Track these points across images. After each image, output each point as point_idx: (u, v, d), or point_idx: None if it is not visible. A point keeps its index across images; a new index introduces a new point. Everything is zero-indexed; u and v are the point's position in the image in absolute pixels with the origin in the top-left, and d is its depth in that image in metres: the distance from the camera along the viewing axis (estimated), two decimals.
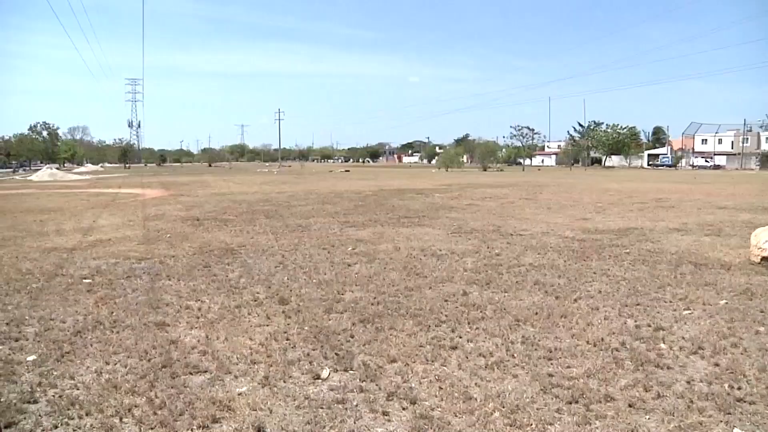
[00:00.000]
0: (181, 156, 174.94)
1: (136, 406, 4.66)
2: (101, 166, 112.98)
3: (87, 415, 4.54)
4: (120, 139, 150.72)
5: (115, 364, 5.59)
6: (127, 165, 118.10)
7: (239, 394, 4.90)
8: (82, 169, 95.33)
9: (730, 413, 4.59)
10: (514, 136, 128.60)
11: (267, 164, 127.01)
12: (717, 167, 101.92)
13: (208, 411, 4.57)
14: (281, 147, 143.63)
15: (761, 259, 10.31)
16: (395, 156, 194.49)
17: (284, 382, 5.19)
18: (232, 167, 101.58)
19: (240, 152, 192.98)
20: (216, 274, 9.54)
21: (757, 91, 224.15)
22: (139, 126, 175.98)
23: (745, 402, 4.80)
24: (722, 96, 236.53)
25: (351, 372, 5.43)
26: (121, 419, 4.47)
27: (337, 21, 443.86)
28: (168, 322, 6.89)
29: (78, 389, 5.03)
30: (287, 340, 6.31)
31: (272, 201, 24.42)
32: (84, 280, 9.13)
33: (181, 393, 4.91)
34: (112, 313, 7.30)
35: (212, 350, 5.95)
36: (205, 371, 5.42)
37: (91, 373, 5.39)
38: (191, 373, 5.36)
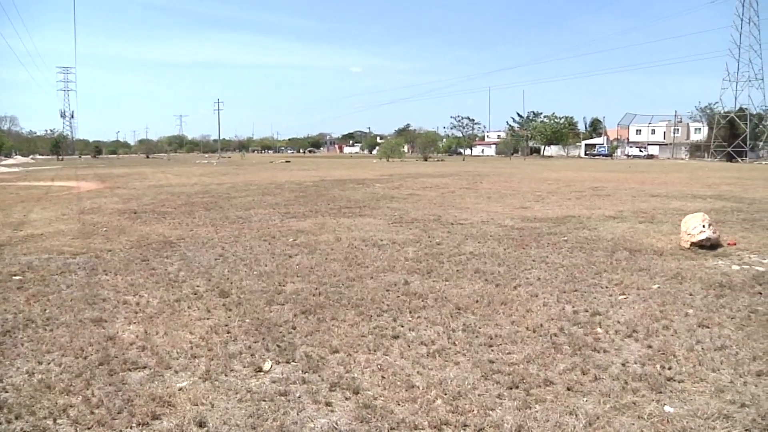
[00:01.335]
0: (118, 147, 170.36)
1: (71, 406, 4.54)
2: (32, 158, 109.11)
3: (17, 418, 4.36)
4: (52, 130, 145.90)
5: (49, 364, 5.41)
6: (60, 157, 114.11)
7: (180, 389, 4.83)
8: (10, 161, 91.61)
9: (661, 392, 4.78)
10: (455, 126, 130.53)
11: (206, 155, 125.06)
12: (650, 157, 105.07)
13: (147, 407, 4.49)
14: (221, 138, 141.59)
15: (690, 245, 10.70)
16: (336, 146, 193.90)
17: (226, 375, 5.14)
18: (171, 159, 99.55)
19: (179, 143, 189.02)
20: (154, 268, 9.36)
21: (687, 83, 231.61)
22: (72, 116, 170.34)
23: (675, 381, 5.01)
24: (655, 88, 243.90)
25: (293, 364, 5.41)
26: (55, 420, 4.34)
27: (279, 11, 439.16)
28: (105, 318, 6.72)
29: (7, 392, 4.83)
30: (228, 333, 6.24)
31: (212, 192, 24.05)
32: (14, 277, 8.80)
33: (120, 390, 4.81)
34: (45, 310, 7.07)
35: (151, 345, 5.84)
36: (144, 367, 5.31)
37: (22, 374, 5.19)
38: (130, 370, 5.25)
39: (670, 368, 5.28)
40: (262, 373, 5.20)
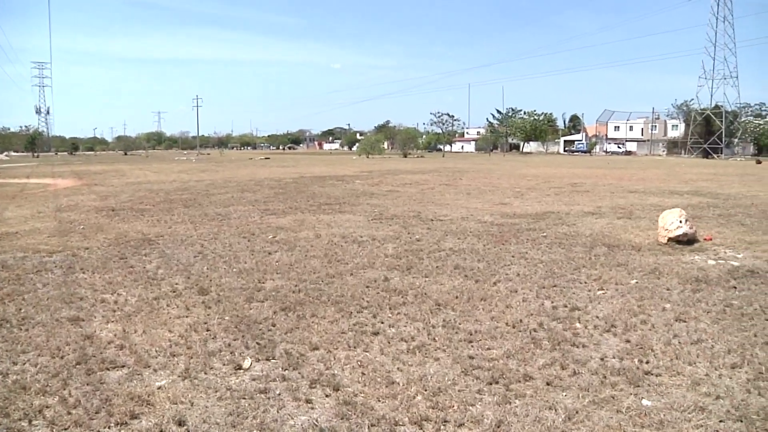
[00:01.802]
0: (95, 144, 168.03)
1: (47, 407, 4.48)
2: (6, 155, 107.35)
3: None
4: (27, 127, 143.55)
5: (24, 364, 5.34)
6: (36, 154, 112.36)
7: (159, 388, 4.80)
8: None
9: (639, 386, 4.84)
10: (435, 122, 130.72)
11: (185, 152, 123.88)
12: (628, 153, 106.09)
13: (126, 407, 4.45)
14: (200, 134, 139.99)
15: (668, 240, 10.83)
16: (316, 143, 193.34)
17: (205, 373, 5.11)
18: (149, 155, 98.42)
19: (157, 140, 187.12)
20: (133, 266, 9.27)
21: (665, 80, 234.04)
22: (48, 113, 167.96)
23: (652, 375, 5.07)
24: (634, 85, 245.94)
25: (273, 361, 5.40)
26: (30, 422, 4.28)
27: (259, 7, 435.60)
28: (82, 317, 6.65)
29: None
30: (207, 330, 6.21)
31: (191, 189, 23.88)
32: None
33: (98, 390, 4.76)
34: (21, 309, 6.97)
35: (130, 344, 5.79)
36: (123, 366, 5.27)
37: None
38: (108, 369, 5.20)
39: (647, 362, 5.34)
40: (241, 371, 5.18)
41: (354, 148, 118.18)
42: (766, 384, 4.88)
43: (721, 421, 4.25)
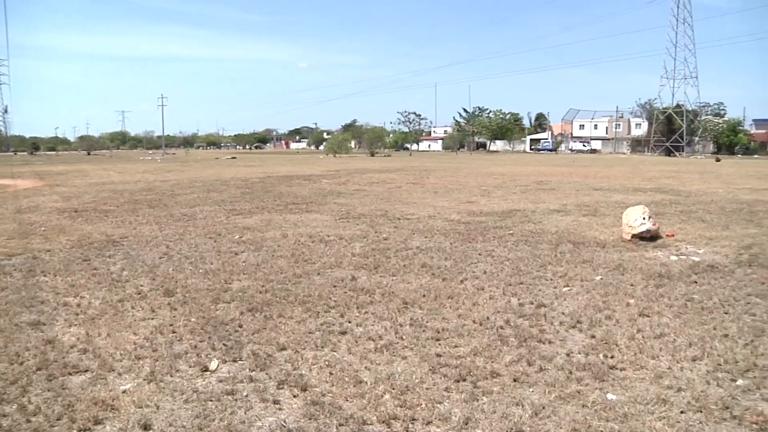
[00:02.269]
0: (57, 144, 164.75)
1: (4, 416, 4.36)
2: None
3: None
4: None
5: None
6: None
7: (123, 392, 4.73)
8: None
9: (604, 380, 4.91)
10: (402, 121, 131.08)
11: (150, 152, 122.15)
12: (593, 151, 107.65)
13: (89, 412, 4.38)
14: (165, 134, 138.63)
15: (631, 237, 11.00)
16: (283, 142, 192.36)
17: (171, 376, 5.06)
18: (113, 155, 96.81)
19: (121, 140, 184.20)
20: (96, 268, 9.12)
21: (628, 79, 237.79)
22: (6, 111, 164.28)
23: (617, 369, 5.15)
24: (598, 84, 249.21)
25: (240, 362, 5.36)
26: None
27: (224, 4, 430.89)
28: (43, 321, 6.52)
29: None
30: (173, 332, 6.14)
31: (156, 190, 23.58)
32: None
33: (59, 396, 4.67)
34: None
35: (93, 348, 5.69)
36: (86, 370, 5.18)
37: None
38: (70, 374, 5.10)
39: (612, 357, 5.43)
40: (208, 373, 5.13)
41: (321, 148, 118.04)
42: (724, 375, 5.00)
43: (682, 413, 4.34)
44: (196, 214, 15.47)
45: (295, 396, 4.68)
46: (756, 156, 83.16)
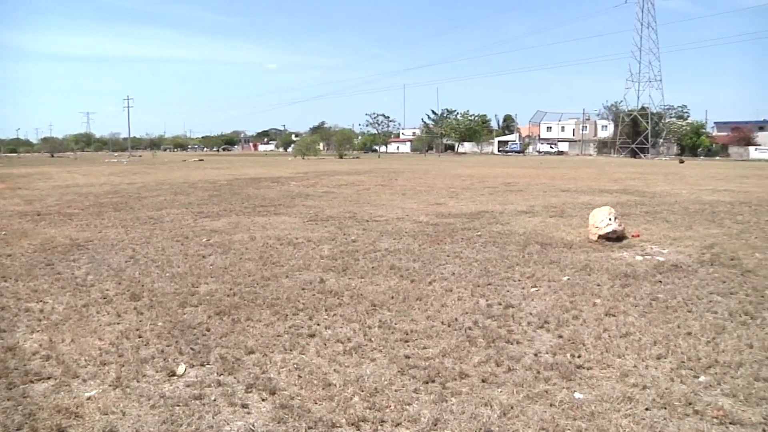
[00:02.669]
0: (18, 146, 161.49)
1: None
2: None
3: None
4: None
5: None
6: None
7: (88, 399, 4.65)
8: None
9: (571, 380, 4.97)
10: (370, 123, 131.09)
11: (116, 154, 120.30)
12: (560, 153, 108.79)
13: (51, 421, 4.29)
14: (131, 136, 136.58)
15: (598, 237, 11.14)
16: (251, 144, 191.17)
17: (137, 381, 4.99)
18: (78, 158, 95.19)
19: (86, 142, 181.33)
20: (60, 272, 8.96)
21: (595, 82, 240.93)
22: None
23: (584, 368, 5.22)
24: (565, 86, 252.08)
25: (208, 366, 5.31)
26: None
27: (192, 4, 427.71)
28: (4, 328, 6.37)
29: None
30: (140, 337, 6.06)
31: (122, 192, 23.25)
32: None
33: (20, 405, 4.56)
34: None
35: (57, 354, 5.59)
36: (49, 378, 5.07)
37: None
38: (32, 381, 4.99)
39: (579, 356, 5.49)
40: (175, 378, 5.07)
41: (289, 150, 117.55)
42: (687, 372, 5.11)
43: (647, 410, 4.42)
44: (163, 217, 15.29)
45: (263, 399, 4.65)
46: (717, 158, 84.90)
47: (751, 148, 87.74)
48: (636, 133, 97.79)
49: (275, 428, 4.21)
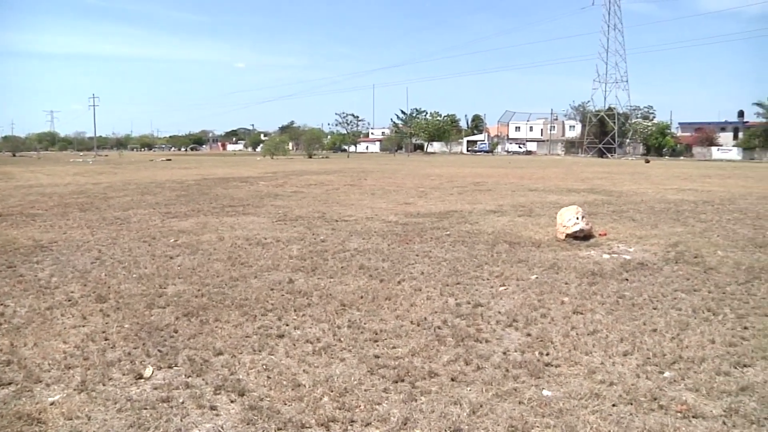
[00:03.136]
0: None
1: None
2: None
3: None
4: None
5: None
6: None
7: (51, 404, 4.56)
8: None
9: (540, 377, 5.02)
10: (340, 123, 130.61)
11: (81, 154, 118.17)
12: (529, 153, 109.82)
13: (12, 428, 4.19)
14: (97, 135, 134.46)
15: (565, 236, 11.26)
16: (219, 144, 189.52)
17: (103, 385, 4.91)
18: (41, 157, 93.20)
19: (50, 141, 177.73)
20: (23, 275, 8.77)
21: (563, 83, 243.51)
22: None
23: (552, 366, 5.27)
24: (534, 86, 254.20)
25: (176, 368, 5.25)
26: None
27: (159, 2, 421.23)
28: None
29: None
30: (106, 340, 5.97)
31: (87, 193, 22.88)
32: None
33: None
34: None
35: (18, 359, 5.46)
36: (10, 383, 4.95)
37: None
38: None
39: (547, 354, 5.55)
40: (142, 380, 5.01)
41: (258, 149, 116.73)
42: (653, 368, 5.20)
43: (614, 405, 4.48)
44: (130, 218, 15.09)
45: (232, 401, 4.61)
46: (682, 157, 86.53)
47: (714, 149, 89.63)
48: (603, 133, 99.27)
49: (244, 430, 4.18)
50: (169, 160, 70.86)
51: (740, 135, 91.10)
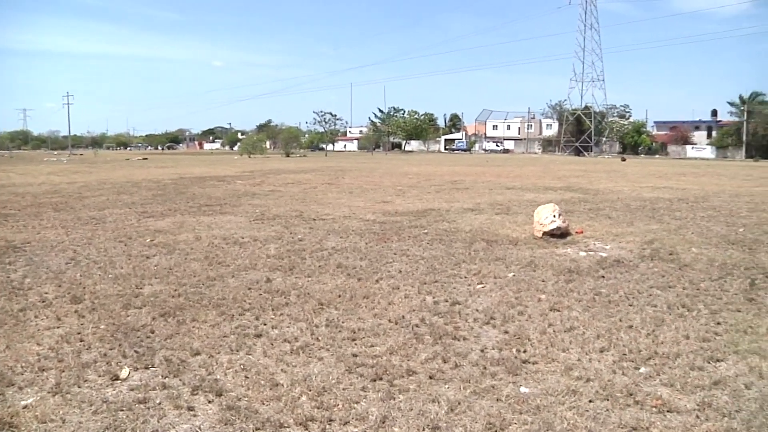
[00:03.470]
0: None
1: None
2: None
3: None
4: None
5: None
6: None
7: (24, 407, 4.48)
8: None
9: (517, 374, 5.05)
10: (317, 121, 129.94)
11: (56, 152, 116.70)
12: (506, 151, 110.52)
13: None
14: (71, 134, 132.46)
15: (543, 234, 11.33)
16: (196, 143, 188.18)
17: (79, 387, 4.85)
18: (14, 156, 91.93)
19: (23, 139, 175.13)
20: None
21: (540, 81, 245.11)
22: None
23: (529, 363, 5.30)
24: (511, 85, 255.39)
25: (152, 369, 5.21)
26: None
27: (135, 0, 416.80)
28: None
29: None
30: (81, 341, 5.90)
31: (62, 192, 22.59)
32: None
33: None
34: None
35: None
36: None
37: None
38: None
39: (525, 351, 5.58)
40: (119, 382, 4.95)
41: (235, 148, 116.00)
42: (629, 364, 5.25)
43: (590, 401, 4.52)
44: (106, 217, 14.92)
45: (210, 401, 4.58)
46: (657, 156, 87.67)
47: (688, 147, 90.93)
48: (580, 132, 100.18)
49: (222, 430, 4.16)
50: (146, 159, 70.20)
51: (714, 134, 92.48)
